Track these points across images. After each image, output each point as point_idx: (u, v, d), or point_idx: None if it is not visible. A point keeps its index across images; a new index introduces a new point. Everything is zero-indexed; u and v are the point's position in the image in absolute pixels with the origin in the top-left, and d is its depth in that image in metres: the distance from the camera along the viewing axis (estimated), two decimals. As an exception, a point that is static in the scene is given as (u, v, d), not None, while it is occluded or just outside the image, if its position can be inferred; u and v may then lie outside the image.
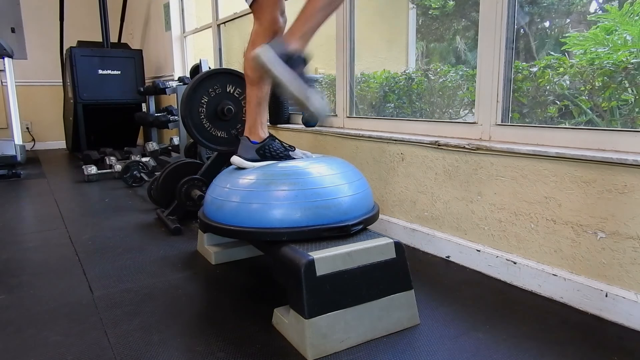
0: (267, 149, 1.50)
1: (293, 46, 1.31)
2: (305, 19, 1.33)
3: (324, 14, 1.34)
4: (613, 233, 1.33)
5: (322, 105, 1.35)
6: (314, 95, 1.33)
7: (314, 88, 1.34)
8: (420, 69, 3.35)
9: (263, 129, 1.53)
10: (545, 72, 1.91)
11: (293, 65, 1.29)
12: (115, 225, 2.38)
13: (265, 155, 1.49)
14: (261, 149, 1.49)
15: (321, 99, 1.35)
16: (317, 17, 1.33)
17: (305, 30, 1.33)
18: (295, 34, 1.33)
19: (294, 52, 1.30)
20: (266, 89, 1.53)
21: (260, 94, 1.52)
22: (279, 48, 1.29)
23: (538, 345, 1.21)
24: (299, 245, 1.28)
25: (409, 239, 2.01)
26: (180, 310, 1.43)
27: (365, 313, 1.23)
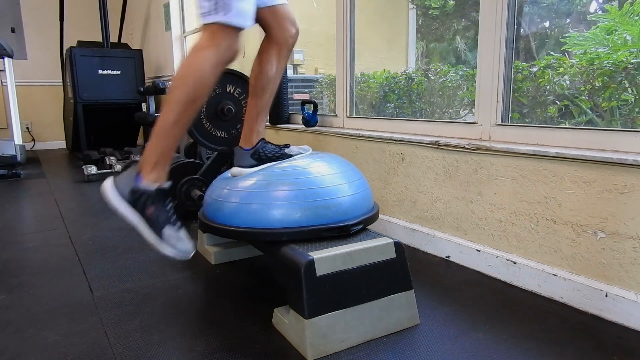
0: (262, 152, 1.47)
1: (146, 181, 1.19)
2: (157, 141, 1.21)
3: (179, 128, 1.22)
4: (613, 233, 1.33)
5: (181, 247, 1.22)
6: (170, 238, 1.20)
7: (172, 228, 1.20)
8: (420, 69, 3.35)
9: (257, 136, 1.50)
10: (545, 72, 1.91)
11: (143, 206, 1.18)
12: (115, 225, 2.38)
13: (261, 158, 1.47)
14: (255, 154, 1.46)
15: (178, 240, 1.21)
16: (172, 135, 1.21)
17: (159, 155, 1.21)
18: (148, 161, 1.20)
19: (146, 188, 1.18)
20: (267, 98, 1.50)
21: (261, 104, 1.50)
22: (127, 186, 1.18)
23: (538, 345, 1.21)
24: (298, 245, 1.28)
25: (409, 239, 2.01)
26: (180, 310, 1.43)
27: (365, 313, 1.23)
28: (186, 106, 1.21)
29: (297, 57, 4.05)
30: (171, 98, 1.21)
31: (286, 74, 2.85)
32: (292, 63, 4.03)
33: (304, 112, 2.66)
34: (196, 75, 1.20)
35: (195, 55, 1.21)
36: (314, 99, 2.67)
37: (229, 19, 1.20)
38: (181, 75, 1.21)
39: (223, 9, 1.19)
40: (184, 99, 1.20)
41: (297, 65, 4.09)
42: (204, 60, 1.20)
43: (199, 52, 1.21)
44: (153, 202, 1.20)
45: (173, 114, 1.20)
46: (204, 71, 1.20)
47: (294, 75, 3.91)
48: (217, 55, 1.21)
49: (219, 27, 1.21)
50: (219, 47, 1.21)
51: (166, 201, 1.25)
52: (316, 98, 3.41)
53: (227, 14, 1.19)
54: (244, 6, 1.23)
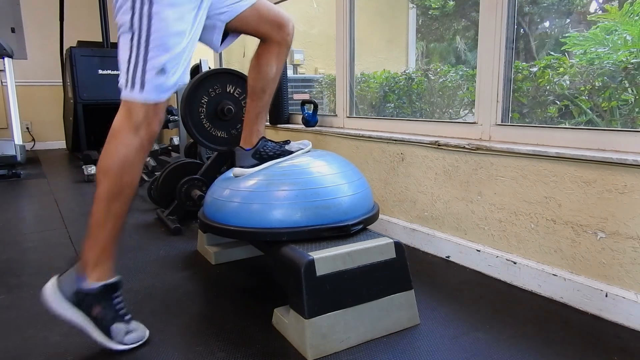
0: (263, 151, 1.46)
1: (89, 281, 1.14)
2: (94, 239, 1.14)
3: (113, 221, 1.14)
4: (613, 233, 1.33)
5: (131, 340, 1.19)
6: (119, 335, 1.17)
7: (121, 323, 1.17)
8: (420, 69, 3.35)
9: (257, 135, 1.48)
10: (545, 72, 1.91)
11: (89, 306, 1.13)
12: (115, 225, 2.38)
13: (262, 157, 1.46)
14: (256, 153, 1.45)
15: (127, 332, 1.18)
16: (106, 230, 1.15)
17: (99, 253, 1.15)
18: (90, 261, 1.15)
19: (88, 289, 1.13)
20: (266, 99, 1.47)
21: (261, 104, 1.47)
22: (71, 287, 1.13)
23: (538, 345, 1.21)
24: (299, 245, 1.28)
25: (409, 239, 2.01)
26: (180, 310, 1.43)
27: (365, 313, 1.23)
28: (115, 199, 1.14)
29: (297, 57, 4.05)
30: (98, 193, 1.14)
31: (286, 74, 2.85)
32: (292, 63, 4.03)
33: (304, 112, 2.66)
34: (119, 165, 1.13)
35: (115, 143, 1.14)
36: (314, 99, 2.68)
37: (144, 96, 1.12)
38: (104, 168, 1.14)
39: (139, 84, 1.12)
40: (111, 193, 1.13)
41: (297, 65, 4.09)
42: (124, 147, 1.14)
43: (118, 139, 1.14)
44: (99, 301, 1.15)
45: (104, 209, 1.14)
46: (127, 159, 1.14)
47: (294, 75, 3.91)
48: (136, 138, 1.14)
49: (134, 105, 1.13)
50: (138, 129, 1.14)
51: (114, 295, 1.19)
52: (316, 98, 3.41)
53: (143, 90, 1.12)
54: (164, 81, 1.13)
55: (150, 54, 1.10)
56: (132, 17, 1.09)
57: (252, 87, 1.45)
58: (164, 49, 1.11)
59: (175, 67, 1.14)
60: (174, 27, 1.11)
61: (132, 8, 1.09)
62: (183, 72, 1.17)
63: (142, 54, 1.10)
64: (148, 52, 1.10)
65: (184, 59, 1.17)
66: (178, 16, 1.11)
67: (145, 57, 1.10)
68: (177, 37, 1.12)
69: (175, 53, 1.13)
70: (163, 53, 1.11)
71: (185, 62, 1.17)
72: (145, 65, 1.11)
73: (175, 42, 1.12)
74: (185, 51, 1.16)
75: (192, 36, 1.18)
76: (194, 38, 1.19)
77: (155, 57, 1.11)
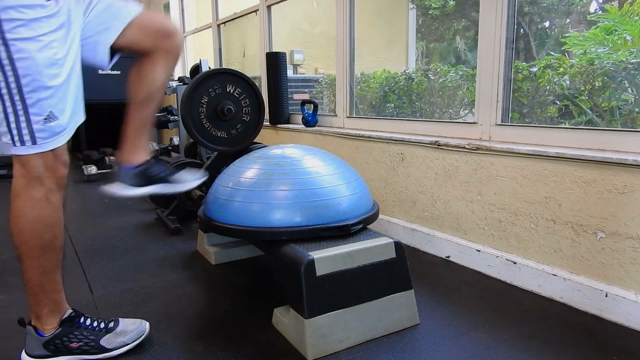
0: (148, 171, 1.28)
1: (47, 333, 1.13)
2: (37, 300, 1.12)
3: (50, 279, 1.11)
4: (613, 233, 1.33)
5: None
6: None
7: (111, 340, 1.18)
8: (420, 69, 3.35)
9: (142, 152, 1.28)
10: (545, 72, 1.91)
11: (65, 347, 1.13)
12: (115, 225, 2.38)
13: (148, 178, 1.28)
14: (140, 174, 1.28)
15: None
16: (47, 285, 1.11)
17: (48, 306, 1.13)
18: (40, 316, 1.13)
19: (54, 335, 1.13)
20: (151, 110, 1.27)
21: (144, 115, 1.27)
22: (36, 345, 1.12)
23: (538, 345, 1.21)
24: (299, 245, 1.28)
25: (409, 239, 2.01)
26: (180, 310, 1.43)
27: (365, 313, 1.23)
28: (43, 255, 1.08)
29: (297, 57, 4.05)
30: (23, 256, 1.08)
31: (286, 74, 2.85)
32: (292, 63, 4.03)
33: (304, 112, 2.66)
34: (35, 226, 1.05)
35: (21, 204, 1.04)
36: (314, 99, 2.68)
37: (39, 149, 1.01)
38: (18, 231, 1.05)
39: (29, 138, 0.99)
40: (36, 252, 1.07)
41: (297, 65, 4.09)
42: (33, 206, 1.04)
43: (23, 197, 1.04)
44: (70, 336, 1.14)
45: (36, 269, 1.08)
46: (41, 217, 1.05)
47: (294, 75, 3.91)
48: (42, 190, 1.04)
49: (29, 159, 1.01)
50: (41, 181, 1.03)
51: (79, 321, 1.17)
52: (316, 98, 3.41)
53: (35, 143, 1.00)
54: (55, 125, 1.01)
55: (28, 102, 0.97)
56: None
57: (134, 98, 1.24)
58: (42, 88, 0.97)
59: (63, 105, 1.01)
60: (42, 60, 0.96)
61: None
62: (75, 106, 1.05)
63: (20, 104, 0.97)
64: (25, 100, 0.97)
65: (72, 91, 1.03)
66: (42, 46, 0.96)
67: (25, 107, 0.97)
68: (50, 69, 0.98)
69: (56, 86, 0.99)
70: (43, 93, 0.97)
71: (74, 94, 1.04)
72: (27, 115, 0.98)
73: (50, 75, 0.98)
74: (69, 82, 1.02)
75: (72, 63, 1.03)
76: (75, 65, 1.05)
77: (36, 103, 0.98)
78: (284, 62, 2.84)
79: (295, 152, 1.54)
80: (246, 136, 2.22)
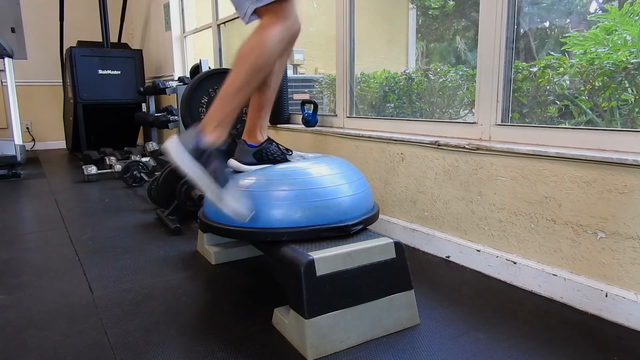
0: (265, 153, 1.46)
1: (208, 139, 1.21)
2: (220, 105, 1.23)
3: (243, 95, 1.24)
4: (613, 233, 1.33)
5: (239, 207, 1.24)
6: (229, 197, 1.23)
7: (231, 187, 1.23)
8: (420, 69, 3.35)
9: (262, 133, 1.49)
10: (545, 72, 1.91)
11: (206, 161, 1.19)
12: (115, 225, 2.38)
13: (262, 158, 1.46)
14: (258, 153, 1.46)
15: (237, 200, 1.25)
16: (236, 100, 1.23)
17: (222, 117, 1.23)
18: (211, 122, 1.23)
19: (208, 146, 1.20)
20: (269, 94, 1.48)
21: (264, 98, 1.48)
22: (191, 142, 1.19)
23: (538, 345, 1.21)
24: (299, 245, 1.28)
25: (409, 239, 2.01)
26: (180, 310, 1.43)
27: (365, 313, 1.23)
28: (250, 76, 1.25)
29: (297, 57, 4.05)
30: (236, 68, 1.25)
31: (286, 74, 2.85)
32: (292, 63, 4.03)
33: (304, 112, 2.66)
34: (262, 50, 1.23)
35: (261, 33, 1.24)
36: (314, 99, 2.67)
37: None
38: (247, 50, 1.24)
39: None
40: (248, 71, 1.23)
41: (297, 65, 4.09)
42: (270, 36, 1.23)
43: (265, 30, 1.24)
44: (215, 159, 1.23)
45: (237, 82, 1.24)
46: (270, 46, 1.23)
47: (294, 75, 3.91)
48: (283, 30, 1.25)
49: (277, 5, 1.23)
50: (285, 22, 1.25)
51: (225, 163, 1.31)
52: (316, 98, 3.41)
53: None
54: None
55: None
56: None
57: None
58: None
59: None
60: None
61: None
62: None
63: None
64: None
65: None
66: None
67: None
68: None
69: None
70: None
71: None
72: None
73: None
74: None
75: None
76: None
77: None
78: (284, 62, 2.84)
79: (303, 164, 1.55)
80: (246, 136, 2.22)
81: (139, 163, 3.48)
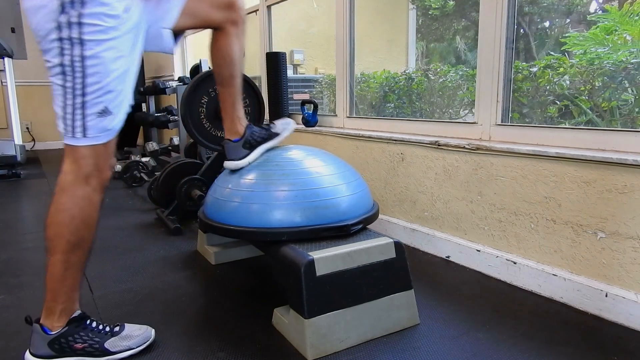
0: (251, 138, 1.45)
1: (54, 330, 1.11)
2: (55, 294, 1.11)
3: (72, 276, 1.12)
4: (613, 233, 1.33)
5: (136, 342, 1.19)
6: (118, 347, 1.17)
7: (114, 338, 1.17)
8: (420, 69, 3.35)
9: (241, 123, 1.46)
10: (545, 72, 1.91)
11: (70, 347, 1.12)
12: (115, 225, 2.38)
13: (252, 144, 1.45)
14: (246, 142, 1.44)
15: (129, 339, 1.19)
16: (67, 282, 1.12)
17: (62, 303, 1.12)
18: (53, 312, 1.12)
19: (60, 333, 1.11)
20: (237, 83, 1.41)
21: (234, 90, 1.42)
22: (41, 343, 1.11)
23: (538, 345, 1.21)
24: (298, 245, 1.28)
25: (409, 239, 2.01)
26: (180, 310, 1.43)
27: (365, 313, 1.23)
28: (73, 251, 1.09)
29: (297, 57, 4.05)
30: (53, 248, 1.08)
31: (286, 74, 2.85)
32: (292, 63, 4.03)
33: (304, 112, 2.66)
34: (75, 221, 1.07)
35: (66, 198, 1.07)
36: (314, 99, 2.67)
37: (88, 141, 1.05)
38: (57, 223, 1.08)
39: (80, 130, 1.04)
40: (69, 246, 1.08)
41: (297, 65, 4.09)
42: (77, 201, 1.07)
43: (69, 192, 1.07)
44: (75, 336, 1.13)
45: (62, 263, 1.09)
46: (82, 213, 1.08)
47: (294, 75, 3.91)
48: (88, 188, 1.08)
49: (80, 153, 1.06)
50: (88, 180, 1.08)
51: (86, 323, 1.16)
52: (316, 98, 3.41)
53: (86, 136, 1.05)
54: (108, 123, 1.06)
55: (88, 98, 1.02)
56: (62, 59, 1.01)
57: (221, 76, 1.39)
58: (105, 91, 1.03)
59: (119, 106, 1.07)
60: (113, 67, 1.03)
61: (60, 50, 1.01)
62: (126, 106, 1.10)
63: (80, 99, 1.02)
64: (86, 96, 1.02)
65: (127, 93, 1.09)
66: (116, 55, 1.03)
67: (84, 102, 1.02)
68: (117, 76, 1.04)
69: (118, 92, 1.05)
70: (103, 95, 1.03)
71: (129, 94, 1.10)
72: (84, 110, 1.03)
73: (116, 82, 1.04)
74: (128, 87, 1.09)
75: (133, 67, 1.10)
76: (135, 68, 1.11)
77: (95, 101, 1.03)
78: (284, 62, 2.84)
79: (296, 152, 1.54)
80: (246, 136, 2.22)
81: (139, 163, 3.48)
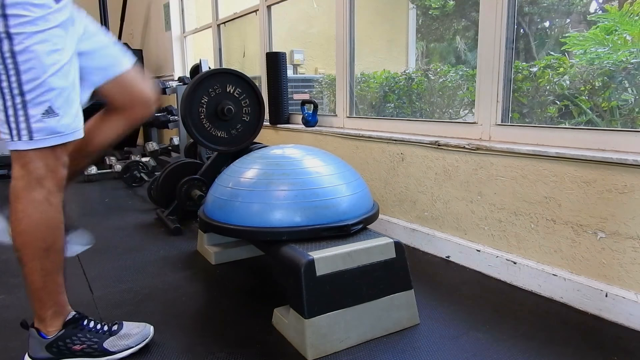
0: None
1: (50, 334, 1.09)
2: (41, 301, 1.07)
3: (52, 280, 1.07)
4: (613, 233, 1.33)
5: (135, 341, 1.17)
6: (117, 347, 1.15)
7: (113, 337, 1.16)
8: (420, 69, 3.35)
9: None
10: (545, 72, 1.91)
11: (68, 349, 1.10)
12: (115, 225, 2.38)
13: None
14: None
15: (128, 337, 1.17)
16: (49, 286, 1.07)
17: (50, 307, 1.09)
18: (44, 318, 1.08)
19: (57, 336, 1.09)
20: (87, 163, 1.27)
21: None
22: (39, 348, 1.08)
23: (538, 345, 1.21)
24: (298, 245, 1.28)
25: (409, 239, 2.01)
26: (180, 310, 1.43)
27: (365, 313, 1.23)
28: (46, 257, 1.04)
29: (297, 57, 4.05)
30: (25, 259, 1.04)
31: (286, 74, 2.85)
32: (292, 63, 4.03)
33: (304, 112, 2.66)
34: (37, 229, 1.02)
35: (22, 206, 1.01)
36: (314, 99, 2.68)
37: (36, 144, 0.98)
38: (20, 233, 1.02)
39: (25, 133, 0.97)
40: (39, 254, 1.03)
41: (297, 65, 4.09)
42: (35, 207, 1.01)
43: (24, 200, 1.00)
44: (73, 338, 1.11)
45: (38, 272, 1.04)
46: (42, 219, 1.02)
47: (294, 75, 3.91)
48: (43, 192, 1.01)
49: (28, 157, 0.99)
50: (41, 183, 1.00)
51: (83, 323, 1.14)
52: (316, 98, 3.41)
53: (31, 139, 0.97)
54: (55, 123, 0.99)
55: (28, 97, 0.95)
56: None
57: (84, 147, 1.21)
58: (45, 88, 0.96)
59: (65, 106, 1.00)
60: (48, 61, 0.96)
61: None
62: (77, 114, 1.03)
63: (19, 98, 0.95)
64: (25, 95, 0.95)
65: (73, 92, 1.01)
66: (50, 48, 0.96)
67: (24, 102, 0.95)
68: (56, 71, 0.97)
69: (60, 89, 0.98)
70: (45, 94, 0.97)
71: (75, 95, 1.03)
72: (26, 110, 0.96)
73: (56, 78, 0.97)
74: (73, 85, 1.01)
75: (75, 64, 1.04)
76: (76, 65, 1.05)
77: (37, 100, 0.96)
78: (284, 62, 2.84)
79: (295, 152, 1.54)
80: (246, 136, 2.22)
81: (139, 163, 3.48)
